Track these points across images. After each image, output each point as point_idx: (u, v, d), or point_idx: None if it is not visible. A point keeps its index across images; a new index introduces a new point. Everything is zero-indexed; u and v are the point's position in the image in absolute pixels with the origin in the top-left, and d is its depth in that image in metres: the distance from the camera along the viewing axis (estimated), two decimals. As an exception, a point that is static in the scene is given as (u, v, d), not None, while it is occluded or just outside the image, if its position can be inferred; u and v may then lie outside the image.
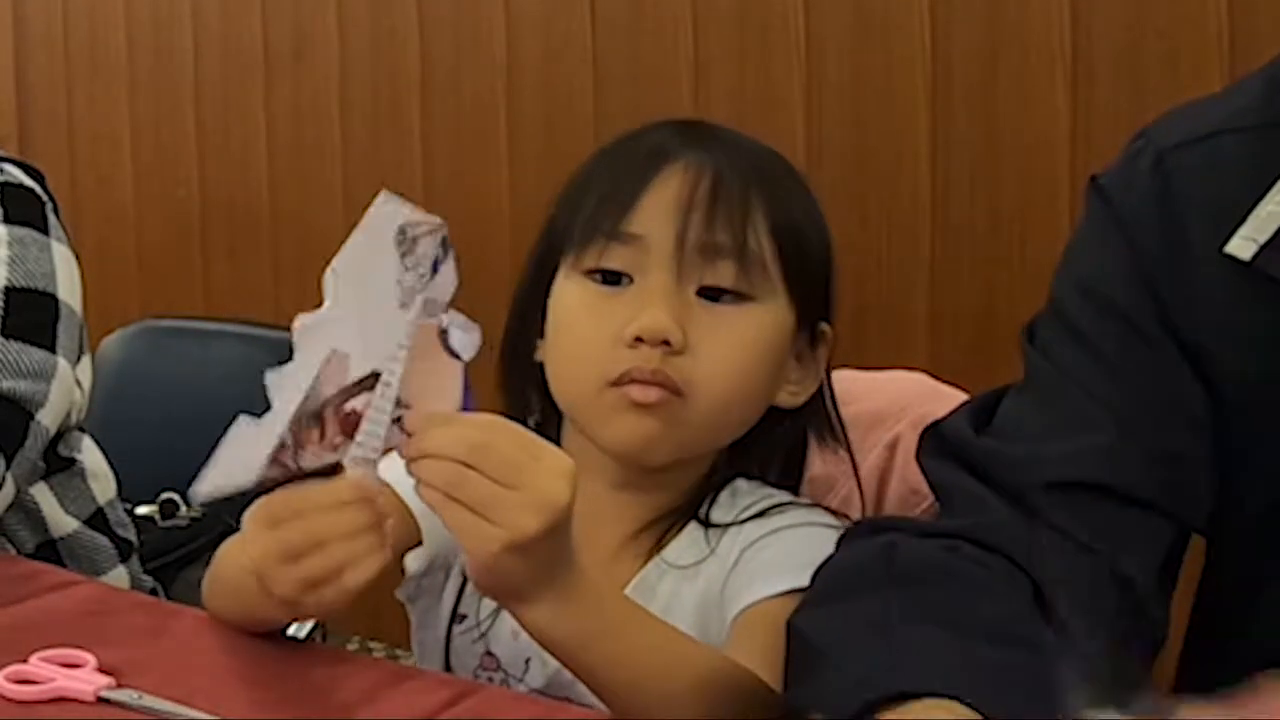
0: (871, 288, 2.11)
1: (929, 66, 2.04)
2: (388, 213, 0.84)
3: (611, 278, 1.03)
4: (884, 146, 2.10)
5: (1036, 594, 0.87)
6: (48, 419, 1.37)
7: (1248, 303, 0.89)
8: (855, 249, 2.11)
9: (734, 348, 1.02)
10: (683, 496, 1.07)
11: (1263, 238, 0.88)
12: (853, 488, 1.19)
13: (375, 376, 0.85)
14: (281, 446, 0.84)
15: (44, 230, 1.42)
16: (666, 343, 1.00)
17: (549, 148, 2.46)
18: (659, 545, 1.06)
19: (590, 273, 1.03)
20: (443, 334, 0.86)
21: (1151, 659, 0.94)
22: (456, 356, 0.87)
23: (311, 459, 0.86)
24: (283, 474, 0.85)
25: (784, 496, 1.09)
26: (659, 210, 1.02)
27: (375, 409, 0.85)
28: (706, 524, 1.06)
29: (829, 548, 1.00)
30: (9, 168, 1.46)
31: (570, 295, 1.05)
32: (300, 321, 0.84)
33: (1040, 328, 0.97)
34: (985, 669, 0.78)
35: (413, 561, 1.06)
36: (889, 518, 0.93)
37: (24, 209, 1.42)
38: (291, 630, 1.11)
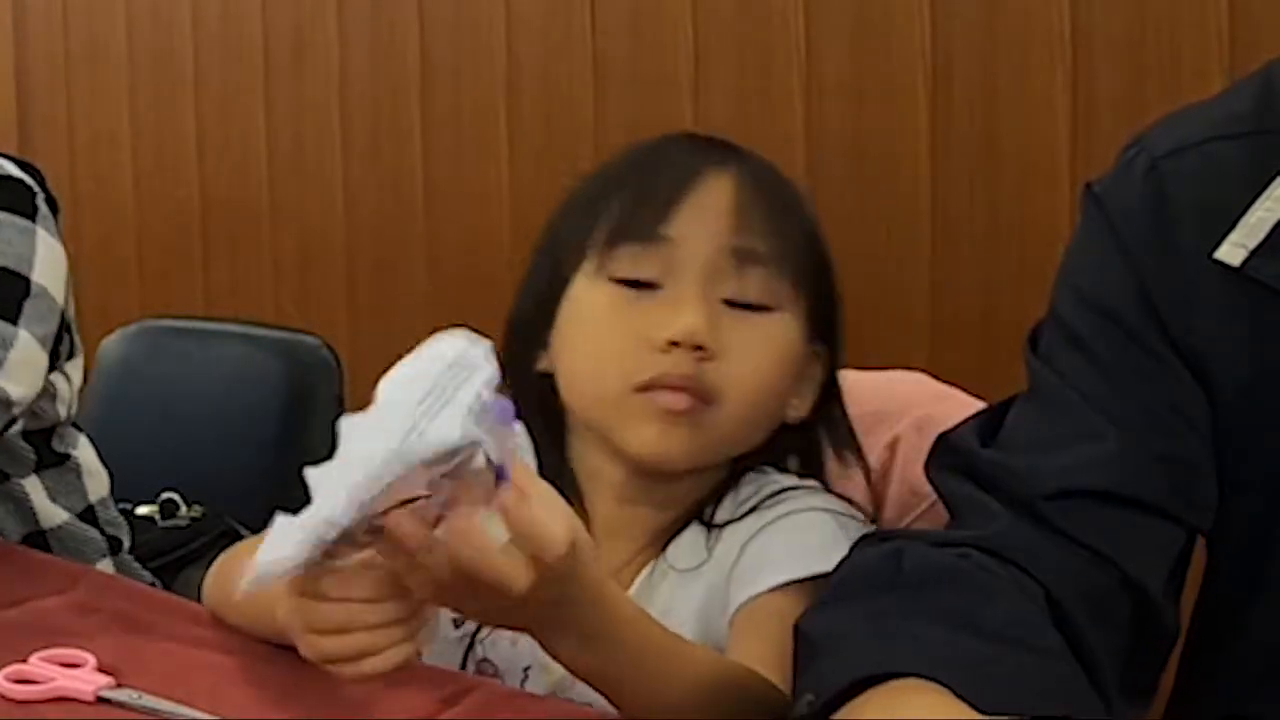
0: (871, 288, 2.11)
1: (929, 66, 2.04)
2: (455, 348, 0.78)
3: (641, 285, 1.02)
4: (884, 146, 2.10)
5: (1050, 602, 0.87)
6: (11, 385, 1.34)
7: (1239, 308, 0.90)
8: (855, 249, 2.10)
9: (761, 356, 1.03)
10: (693, 506, 1.07)
11: (1252, 243, 0.89)
12: (853, 488, 1.19)
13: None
14: (321, 542, 0.80)
15: (30, 217, 1.42)
16: (700, 348, 1.00)
17: (549, 148, 2.46)
18: (663, 549, 1.06)
19: (618, 281, 1.03)
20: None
21: (1163, 662, 0.94)
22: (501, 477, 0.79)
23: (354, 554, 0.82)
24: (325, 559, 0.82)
25: (785, 482, 1.08)
26: (697, 214, 1.02)
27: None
28: (709, 525, 1.06)
29: (828, 531, 1.01)
30: (2, 161, 1.46)
31: (596, 299, 1.04)
32: (346, 422, 0.79)
33: (1042, 336, 0.97)
34: (972, 659, 0.79)
35: None
36: (900, 530, 0.93)
37: (11, 197, 1.42)
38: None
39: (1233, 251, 0.89)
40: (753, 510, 1.05)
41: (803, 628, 0.88)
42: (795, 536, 1.02)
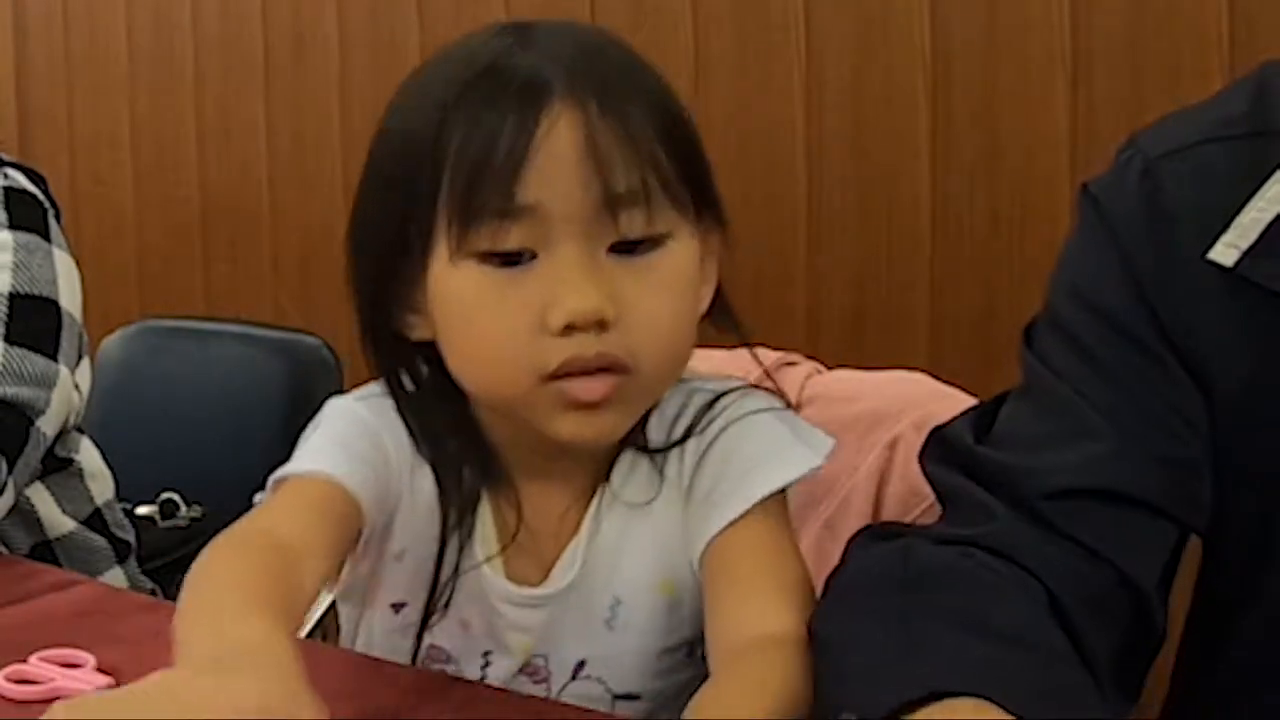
0: (871, 288, 2.11)
1: (929, 66, 2.04)
2: None
3: (510, 258, 0.90)
4: (884, 146, 2.10)
5: (1052, 601, 0.87)
6: (48, 426, 1.37)
7: (1234, 308, 0.90)
8: (855, 249, 2.11)
9: (664, 298, 0.92)
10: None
11: (1245, 244, 0.89)
12: (853, 487, 1.19)
13: None
14: None
15: (46, 237, 1.42)
16: (600, 322, 0.88)
17: (549, 148, 2.46)
18: (605, 476, 0.99)
19: (483, 256, 0.90)
20: None
21: (1150, 663, 0.94)
22: None
23: None
24: None
25: (710, 387, 1.01)
26: (553, 171, 0.88)
27: None
28: (647, 450, 0.99)
29: (775, 434, 0.97)
30: (12, 172, 1.47)
31: (465, 285, 0.91)
32: None
33: (1037, 334, 0.97)
34: (1009, 670, 0.77)
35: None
36: (897, 523, 0.92)
37: (28, 214, 1.42)
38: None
39: (1225, 252, 0.89)
40: (690, 430, 0.98)
41: (816, 631, 0.87)
42: (745, 450, 0.96)
